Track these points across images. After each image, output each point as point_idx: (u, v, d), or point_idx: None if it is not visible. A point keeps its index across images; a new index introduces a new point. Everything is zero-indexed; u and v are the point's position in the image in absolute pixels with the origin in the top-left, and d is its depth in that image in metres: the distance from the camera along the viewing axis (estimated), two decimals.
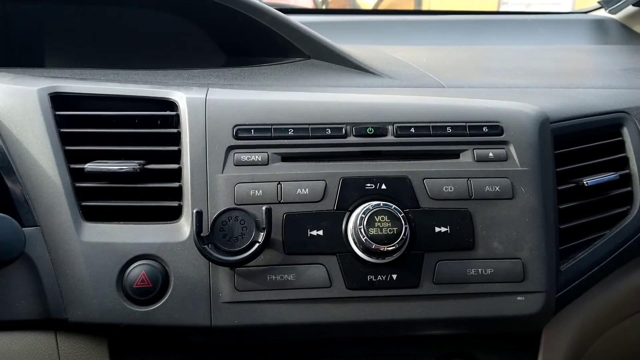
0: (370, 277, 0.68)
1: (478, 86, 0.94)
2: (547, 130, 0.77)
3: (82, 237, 0.69)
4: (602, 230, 0.79)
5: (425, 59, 1.14)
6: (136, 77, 0.88)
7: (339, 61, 1.00)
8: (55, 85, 0.78)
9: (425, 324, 0.69)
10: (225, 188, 0.70)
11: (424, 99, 0.81)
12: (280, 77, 0.94)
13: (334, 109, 0.76)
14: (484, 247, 0.70)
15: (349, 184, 0.71)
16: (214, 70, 0.96)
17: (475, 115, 0.76)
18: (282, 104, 0.76)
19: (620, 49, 1.46)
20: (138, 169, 0.71)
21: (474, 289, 0.69)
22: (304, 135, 0.73)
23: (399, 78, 0.96)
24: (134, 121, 0.77)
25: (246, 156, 0.72)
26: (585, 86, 0.98)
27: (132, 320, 0.67)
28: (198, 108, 0.74)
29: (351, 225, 0.68)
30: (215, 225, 0.67)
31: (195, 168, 0.71)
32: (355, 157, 0.73)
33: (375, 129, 0.74)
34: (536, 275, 0.70)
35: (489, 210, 0.71)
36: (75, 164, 0.72)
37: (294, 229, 0.69)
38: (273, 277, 0.67)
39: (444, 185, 0.71)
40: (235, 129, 0.73)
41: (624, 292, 0.81)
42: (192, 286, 0.67)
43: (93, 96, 0.79)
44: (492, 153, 0.74)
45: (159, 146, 0.74)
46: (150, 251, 0.68)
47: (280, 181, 0.70)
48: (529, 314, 0.69)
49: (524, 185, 0.72)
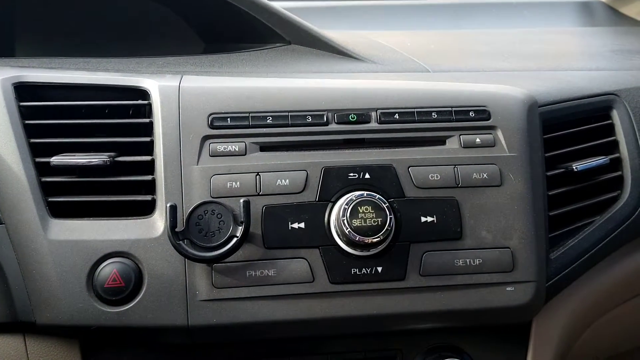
0: (355, 271, 0.65)
1: (464, 70, 0.92)
2: (536, 114, 0.74)
3: (49, 235, 0.65)
4: (592, 217, 0.77)
5: (409, 44, 1.11)
6: (108, 65, 0.84)
7: (321, 46, 0.97)
8: (19, 74, 0.74)
9: (412, 317, 0.67)
10: (201, 180, 0.66)
11: (408, 83, 0.78)
12: (260, 64, 0.90)
13: (315, 95, 0.72)
14: (471, 236, 0.67)
15: (331, 173, 0.68)
16: (190, 58, 0.92)
17: (461, 100, 0.73)
18: (260, 90, 0.73)
19: (608, 30, 1.44)
20: (108, 162, 0.67)
21: (462, 280, 0.66)
22: (283, 124, 0.70)
23: (383, 63, 0.92)
24: (104, 111, 0.73)
25: (222, 146, 0.68)
26: (574, 68, 0.95)
27: (104, 322, 0.63)
28: (171, 96, 0.70)
29: (334, 217, 0.65)
30: (190, 220, 0.64)
31: (168, 160, 0.67)
32: (338, 145, 0.70)
33: (357, 116, 0.71)
34: (526, 264, 0.67)
35: (477, 198, 0.68)
36: (41, 157, 0.68)
37: (274, 222, 0.65)
38: (252, 272, 0.64)
39: (429, 173, 0.68)
40: (210, 118, 0.69)
41: (615, 279, 0.79)
42: (167, 284, 0.64)
43: (60, 85, 0.74)
44: (479, 139, 0.71)
45: (131, 137, 0.70)
46: (122, 248, 0.65)
47: (258, 172, 0.67)
48: (519, 304, 0.67)
49: (512, 171, 0.69)
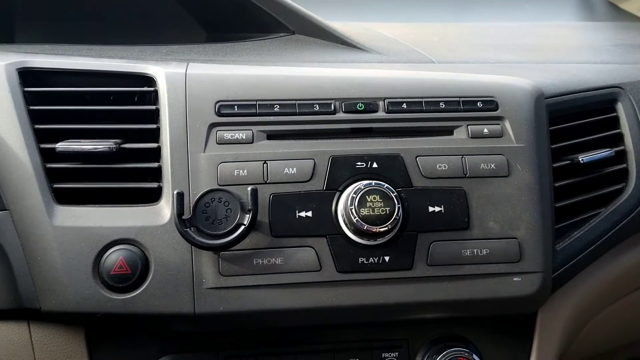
0: (362, 260, 0.65)
1: (469, 61, 0.91)
2: (543, 105, 0.74)
3: (55, 222, 0.64)
4: (598, 208, 0.77)
5: (412, 35, 1.10)
6: (111, 53, 0.83)
7: (325, 36, 0.96)
8: (24, 60, 0.73)
9: (419, 307, 0.67)
10: (208, 168, 0.66)
11: (415, 73, 0.78)
12: (264, 53, 0.89)
13: (322, 84, 0.72)
14: (479, 226, 0.67)
15: (338, 162, 0.67)
16: (194, 46, 0.92)
17: (469, 90, 0.73)
18: (267, 78, 0.72)
19: (608, 25, 1.45)
20: (114, 149, 0.66)
21: (469, 270, 0.66)
22: (290, 112, 0.69)
23: (388, 54, 0.92)
24: (109, 98, 0.72)
25: (230, 134, 0.68)
26: (578, 61, 0.96)
27: (110, 309, 0.63)
28: (178, 83, 0.70)
29: (341, 206, 0.65)
30: (197, 207, 0.63)
31: (175, 147, 0.67)
32: (345, 134, 0.70)
33: (365, 105, 0.70)
34: (533, 255, 0.67)
35: (484, 189, 0.68)
36: (46, 143, 0.67)
37: (281, 210, 0.65)
38: (260, 261, 0.64)
39: (437, 163, 0.68)
40: (217, 105, 0.68)
41: (619, 271, 0.79)
42: (174, 272, 0.64)
43: (65, 71, 0.74)
44: (487, 129, 0.71)
45: (136, 124, 0.70)
46: (129, 235, 0.64)
47: (266, 160, 0.67)
48: (525, 295, 0.67)
49: (520, 162, 0.69)
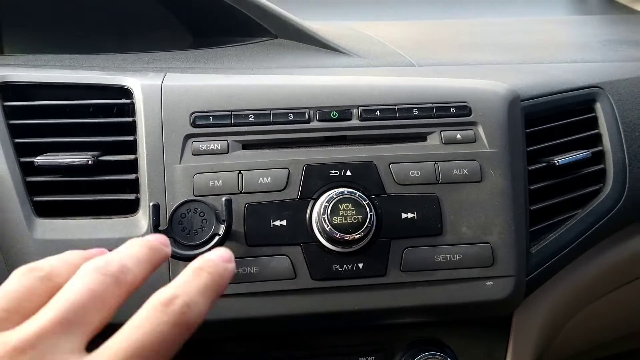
0: (336, 267, 0.66)
1: (449, 63, 0.92)
2: (518, 109, 0.75)
3: (35, 235, 0.66)
4: (574, 210, 0.77)
5: (397, 35, 1.11)
6: (94, 62, 0.84)
7: (307, 40, 0.97)
8: (3, 74, 0.74)
9: (393, 312, 0.68)
10: (184, 179, 0.67)
11: (390, 79, 0.78)
12: (245, 59, 0.90)
13: (297, 92, 0.73)
14: (452, 232, 0.68)
15: (312, 171, 0.68)
16: (177, 53, 0.92)
17: (442, 96, 0.73)
18: (242, 88, 0.73)
19: (600, 19, 1.44)
20: (91, 161, 0.68)
21: (442, 276, 0.67)
22: (265, 121, 0.70)
23: (368, 57, 0.93)
24: (88, 110, 0.73)
25: (205, 145, 0.69)
26: (559, 60, 0.95)
27: None
28: (153, 95, 0.71)
29: (315, 214, 0.66)
30: (173, 218, 0.64)
31: (151, 159, 0.68)
32: (319, 142, 0.71)
33: (339, 113, 0.71)
34: (505, 259, 0.68)
35: (457, 194, 0.69)
36: (26, 157, 0.69)
37: (256, 219, 0.66)
38: (235, 270, 0.65)
39: (410, 170, 0.69)
40: (192, 117, 0.70)
41: (596, 272, 0.80)
42: (151, 282, 0.64)
43: (45, 85, 0.75)
44: (459, 135, 0.71)
45: (114, 136, 0.71)
46: (108, 247, 0.65)
47: (240, 170, 0.68)
48: (498, 298, 0.68)
49: (492, 167, 0.70)
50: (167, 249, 0.51)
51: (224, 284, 0.48)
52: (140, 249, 0.48)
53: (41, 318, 0.40)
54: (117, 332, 0.41)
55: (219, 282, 0.47)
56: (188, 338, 0.42)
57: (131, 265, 0.46)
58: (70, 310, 0.40)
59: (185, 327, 0.42)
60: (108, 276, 0.43)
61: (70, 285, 0.43)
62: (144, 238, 0.50)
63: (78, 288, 0.42)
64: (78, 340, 0.40)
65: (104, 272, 0.44)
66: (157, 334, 0.40)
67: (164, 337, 0.41)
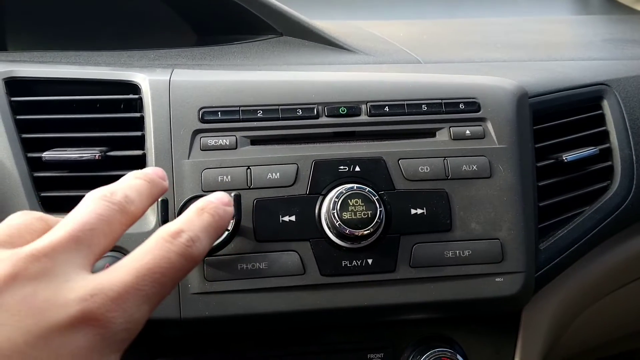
0: (345, 263, 0.66)
1: (456, 61, 0.92)
2: (526, 105, 0.75)
3: None
4: (582, 207, 0.77)
5: (402, 34, 1.11)
6: (99, 59, 0.84)
7: (313, 38, 0.97)
8: (10, 69, 0.74)
9: (402, 308, 0.67)
10: (192, 174, 0.67)
11: (398, 75, 0.78)
12: (251, 56, 0.90)
13: (305, 88, 0.73)
14: (461, 228, 0.68)
15: (321, 166, 0.68)
16: (182, 50, 0.92)
17: (451, 92, 0.73)
18: (250, 84, 0.73)
19: (602, 19, 1.44)
20: (99, 157, 0.67)
21: (451, 272, 0.67)
22: (274, 117, 0.70)
23: (375, 54, 0.93)
24: (95, 106, 0.73)
25: (213, 140, 0.68)
26: (565, 58, 0.96)
27: None
28: (161, 90, 0.71)
29: (324, 210, 0.66)
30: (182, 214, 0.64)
31: (159, 154, 0.68)
32: (328, 138, 0.71)
33: (348, 109, 0.71)
34: (515, 255, 0.68)
35: (466, 190, 0.69)
36: (33, 152, 0.69)
37: (264, 215, 0.66)
38: (244, 265, 0.65)
39: (419, 166, 0.69)
40: (201, 112, 0.69)
41: (603, 269, 0.79)
42: None
43: (52, 80, 0.75)
44: (469, 131, 0.71)
45: (122, 132, 0.71)
46: None
47: (249, 165, 0.68)
48: (508, 295, 0.68)
49: (501, 163, 0.70)
50: (165, 183, 0.54)
51: (224, 225, 0.52)
52: (142, 182, 0.51)
53: (53, 234, 0.42)
54: (126, 256, 0.44)
55: (219, 222, 0.51)
56: (190, 271, 0.46)
57: (134, 197, 0.48)
58: (80, 229, 0.43)
59: (190, 259, 0.45)
60: (114, 204, 0.46)
61: (79, 208, 0.46)
62: (143, 171, 0.53)
63: (87, 212, 0.45)
64: (87, 259, 0.42)
65: (110, 199, 0.47)
66: (166, 259, 0.44)
67: (172, 264, 0.44)
